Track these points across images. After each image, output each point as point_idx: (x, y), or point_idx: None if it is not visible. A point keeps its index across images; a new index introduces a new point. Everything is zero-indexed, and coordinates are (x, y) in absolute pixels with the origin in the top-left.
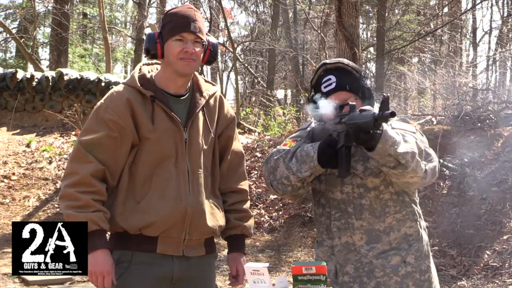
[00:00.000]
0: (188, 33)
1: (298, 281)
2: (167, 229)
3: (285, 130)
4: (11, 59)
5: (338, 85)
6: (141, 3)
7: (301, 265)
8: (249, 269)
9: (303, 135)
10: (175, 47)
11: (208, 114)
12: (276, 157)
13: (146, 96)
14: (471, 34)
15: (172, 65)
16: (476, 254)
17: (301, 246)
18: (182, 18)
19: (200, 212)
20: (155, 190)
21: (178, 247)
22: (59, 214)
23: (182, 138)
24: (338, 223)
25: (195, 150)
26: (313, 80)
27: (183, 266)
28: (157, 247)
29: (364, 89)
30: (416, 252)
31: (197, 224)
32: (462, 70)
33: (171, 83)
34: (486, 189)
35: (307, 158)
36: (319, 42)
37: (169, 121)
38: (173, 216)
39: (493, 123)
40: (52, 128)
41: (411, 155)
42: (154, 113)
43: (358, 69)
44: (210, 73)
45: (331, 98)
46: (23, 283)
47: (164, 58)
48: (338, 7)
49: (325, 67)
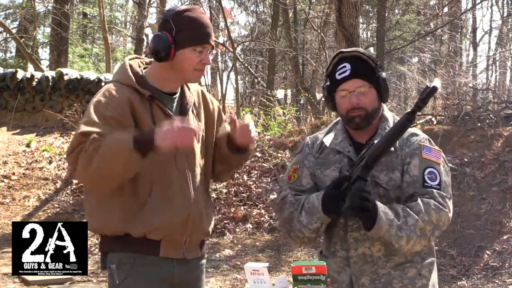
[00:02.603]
0: (208, 44)
1: (298, 281)
2: (170, 233)
3: (285, 130)
4: (11, 59)
5: (353, 72)
6: (141, 3)
7: (301, 265)
8: (249, 269)
9: (301, 160)
10: (193, 57)
11: (196, 111)
12: (289, 209)
13: (144, 95)
14: (471, 34)
15: (184, 73)
16: (476, 254)
17: (301, 246)
18: (202, 27)
19: (200, 213)
20: (158, 192)
21: (179, 250)
22: (59, 214)
23: None
24: (356, 234)
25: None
26: (328, 68)
27: (183, 270)
28: (160, 250)
29: (379, 79)
30: (429, 265)
31: (198, 225)
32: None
33: (167, 83)
34: (486, 189)
35: (314, 210)
36: (319, 42)
37: (165, 118)
38: (178, 220)
39: (493, 123)
40: (52, 128)
41: (406, 240)
42: (153, 113)
43: (374, 59)
44: (210, 73)
45: (344, 85)
46: (23, 283)
47: (173, 62)
48: (338, 7)
49: (341, 55)
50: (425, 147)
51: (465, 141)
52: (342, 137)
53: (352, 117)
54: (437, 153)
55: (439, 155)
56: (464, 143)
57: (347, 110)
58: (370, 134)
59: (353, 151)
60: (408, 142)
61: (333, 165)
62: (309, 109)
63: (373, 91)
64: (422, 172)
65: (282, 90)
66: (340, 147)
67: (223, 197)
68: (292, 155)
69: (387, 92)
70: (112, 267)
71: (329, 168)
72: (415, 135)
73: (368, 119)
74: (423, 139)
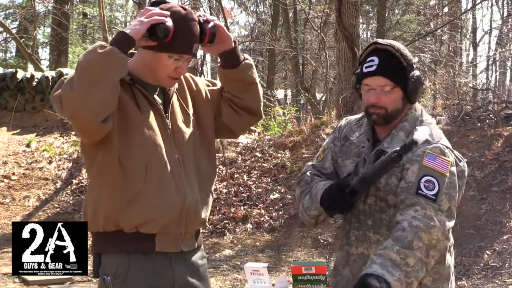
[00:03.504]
0: (188, 55)
1: (298, 281)
2: (166, 224)
3: (285, 130)
4: (11, 59)
5: (379, 69)
6: (141, 3)
7: (301, 265)
8: (249, 269)
9: (330, 142)
10: (168, 65)
11: (181, 96)
12: (301, 188)
13: (125, 80)
14: (471, 34)
15: (156, 77)
16: (476, 254)
17: (301, 246)
18: (186, 37)
19: (195, 202)
20: (151, 181)
21: (176, 243)
22: (59, 214)
23: (166, 126)
24: (356, 233)
25: (179, 137)
26: (361, 56)
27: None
28: (156, 245)
29: (408, 80)
30: (435, 275)
31: (194, 215)
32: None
33: (147, 77)
34: (486, 189)
35: (315, 198)
36: (319, 42)
37: (150, 107)
38: (173, 209)
39: (493, 123)
40: (52, 128)
41: (416, 281)
42: (136, 98)
43: (407, 58)
44: (210, 73)
45: (368, 80)
46: (23, 283)
47: (148, 63)
48: (338, 7)
49: (374, 46)
50: (428, 154)
51: (465, 141)
52: (364, 129)
53: (370, 113)
54: (444, 163)
55: (446, 165)
56: (464, 143)
57: (367, 106)
58: (390, 131)
59: (368, 147)
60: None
61: (352, 157)
62: (309, 109)
63: (397, 91)
64: (419, 179)
65: (282, 90)
66: (358, 140)
67: (223, 197)
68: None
69: (416, 94)
70: (107, 279)
71: (348, 159)
72: (426, 142)
73: (387, 118)
74: (431, 148)
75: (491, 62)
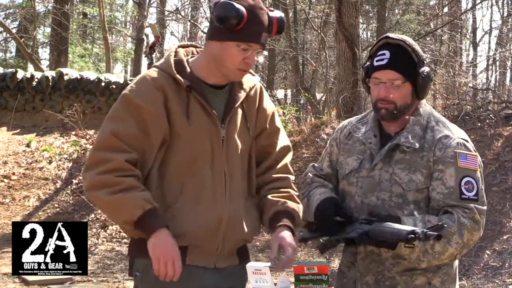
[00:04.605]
0: (257, 44)
1: (300, 281)
2: (199, 239)
3: (285, 130)
4: (11, 59)
5: (390, 62)
6: (141, 3)
7: (303, 265)
8: (251, 268)
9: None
10: (237, 55)
11: (247, 109)
12: (302, 189)
13: (182, 85)
14: (471, 34)
15: (224, 70)
16: (476, 254)
17: (301, 246)
18: (256, 25)
19: (236, 219)
20: (188, 194)
21: (210, 259)
22: (59, 214)
23: (219, 136)
24: None
25: (233, 149)
26: (372, 49)
27: (215, 280)
28: (187, 258)
29: (418, 75)
30: (444, 276)
31: (233, 233)
32: (462, 70)
33: (212, 76)
34: (486, 189)
35: (310, 207)
36: (319, 42)
37: (205, 115)
38: (208, 224)
39: (493, 123)
40: (52, 128)
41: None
42: (189, 106)
43: (419, 53)
44: None
45: (378, 74)
46: (23, 283)
47: (216, 55)
48: (338, 7)
49: (385, 40)
50: (460, 155)
51: None
52: (370, 125)
53: (379, 108)
54: (474, 159)
55: (476, 160)
56: None
57: (376, 100)
58: (401, 126)
59: (376, 142)
60: (440, 144)
61: (356, 154)
62: (309, 109)
63: (407, 86)
64: (459, 183)
65: (282, 90)
66: (364, 137)
67: None
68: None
69: (425, 90)
70: (137, 275)
71: (351, 156)
72: (448, 138)
73: (396, 113)
74: (458, 145)
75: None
